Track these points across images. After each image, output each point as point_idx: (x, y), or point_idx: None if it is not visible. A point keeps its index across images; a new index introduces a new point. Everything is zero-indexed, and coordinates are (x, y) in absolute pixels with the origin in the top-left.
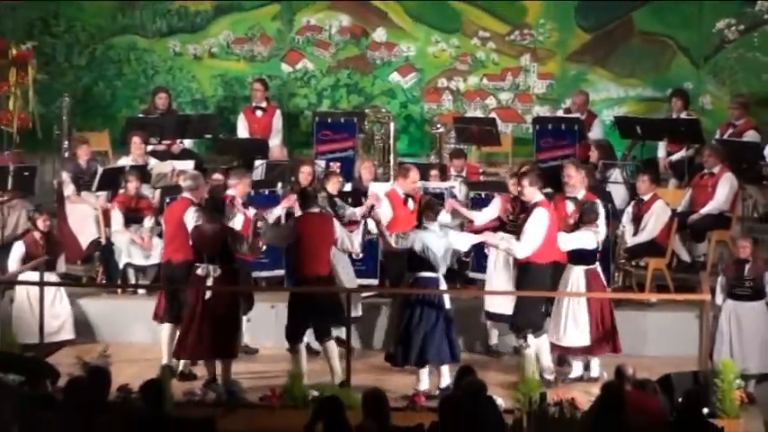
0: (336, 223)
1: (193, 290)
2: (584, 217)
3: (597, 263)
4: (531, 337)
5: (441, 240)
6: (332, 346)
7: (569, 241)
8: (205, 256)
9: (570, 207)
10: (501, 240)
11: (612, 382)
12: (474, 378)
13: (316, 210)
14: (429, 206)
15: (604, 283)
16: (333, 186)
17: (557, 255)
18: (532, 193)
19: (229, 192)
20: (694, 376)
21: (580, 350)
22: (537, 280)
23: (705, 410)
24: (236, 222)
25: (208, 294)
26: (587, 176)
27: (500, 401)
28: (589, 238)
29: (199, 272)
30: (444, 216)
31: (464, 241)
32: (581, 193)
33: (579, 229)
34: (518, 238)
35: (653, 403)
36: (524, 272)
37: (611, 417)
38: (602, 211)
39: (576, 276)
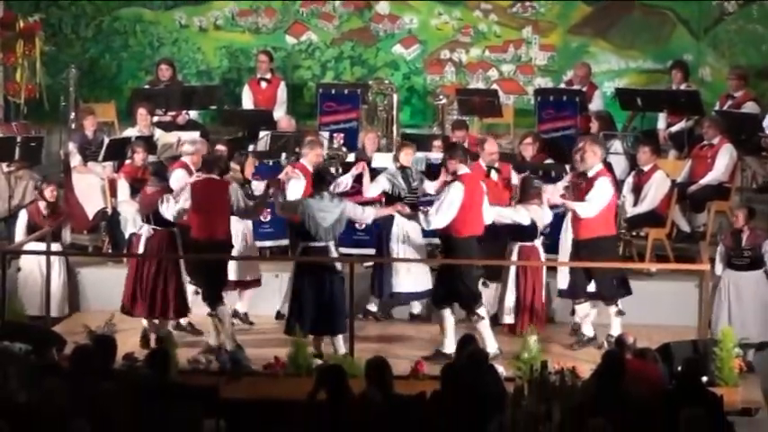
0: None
1: (133, 249)
2: (523, 193)
3: (537, 240)
4: (483, 309)
5: (330, 211)
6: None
7: (498, 216)
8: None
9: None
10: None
11: (613, 351)
12: (476, 347)
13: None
14: (320, 177)
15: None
16: (316, 158)
17: (479, 229)
18: (455, 167)
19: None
20: (693, 345)
21: (506, 327)
22: (461, 253)
23: (704, 379)
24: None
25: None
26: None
27: (501, 370)
28: (522, 215)
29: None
30: (429, 185)
31: (361, 213)
32: (595, 169)
33: (518, 204)
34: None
35: (653, 372)
36: (446, 246)
37: (611, 385)
38: (549, 188)
39: (510, 253)
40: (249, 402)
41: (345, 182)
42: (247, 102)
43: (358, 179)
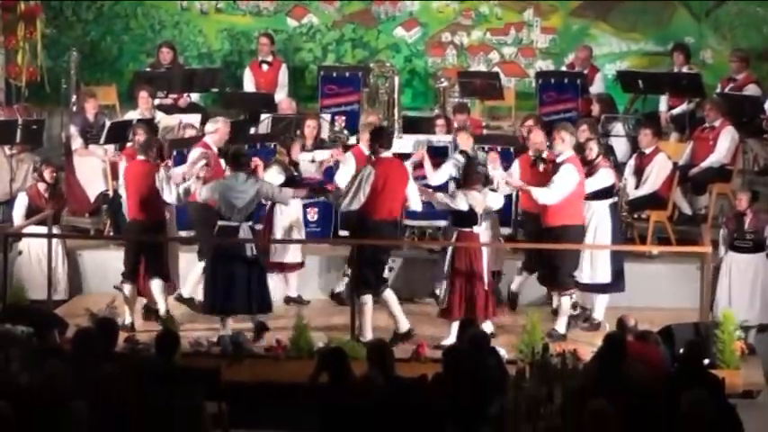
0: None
1: None
2: (465, 179)
3: (478, 226)
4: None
5: (244, 191)
6: None
7: (436, 202)
8: None
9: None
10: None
11: (614, 333)
12: (477, 329)
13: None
14: (234, 157)
15: (482, 249)
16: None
17: (394, 212)
18: (376, 150)
19: None
20: (695, 327)
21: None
22: (374, 236)
23: (706, 361)
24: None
25: None
26: (589, 131)
27: (503, 352)
28: (460, 201)
29: None
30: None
31: (279, 194)
32: (564, 155)
33: (458, 190)
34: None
35: (654, 354)
36: (360, 228)
37: (612, 367)
38: (497, 174)
39: (449, 238)
40: (251, 385)
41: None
42: (249, 84)
43: (419, 166)
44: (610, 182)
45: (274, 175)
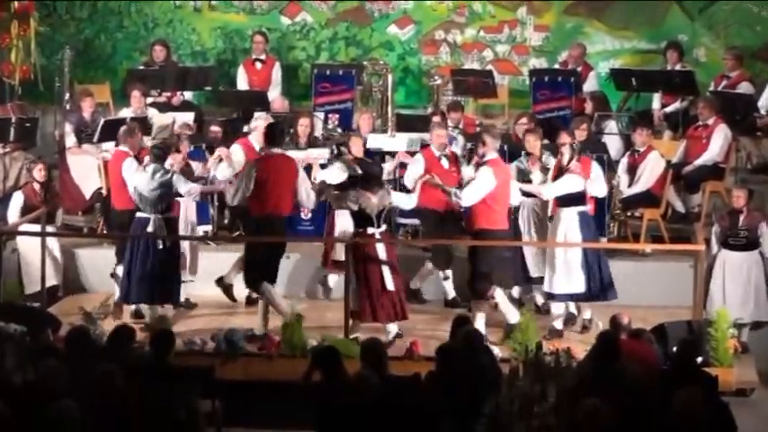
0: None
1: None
2: (363, 181)
3: (371, 227)
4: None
5: (153, 183)
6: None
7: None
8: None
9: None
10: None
11: (608, 332)
12: (470, 327)
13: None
14: (151, 149)
15: (378, 250)
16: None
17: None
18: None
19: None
20: (688, 325)
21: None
22: (264, 232)
23: (699, 359)
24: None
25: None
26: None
27: (496, 350)
28: (351, 203)
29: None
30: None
31: (185, 187)
32: (487, 157)
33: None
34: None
35: (647, 352)
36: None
37: (606, 366)
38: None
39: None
40: (244, 383)
41: (387, 170)
42: (242, 83)
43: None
44: (576, 189)
45: (335, 173)
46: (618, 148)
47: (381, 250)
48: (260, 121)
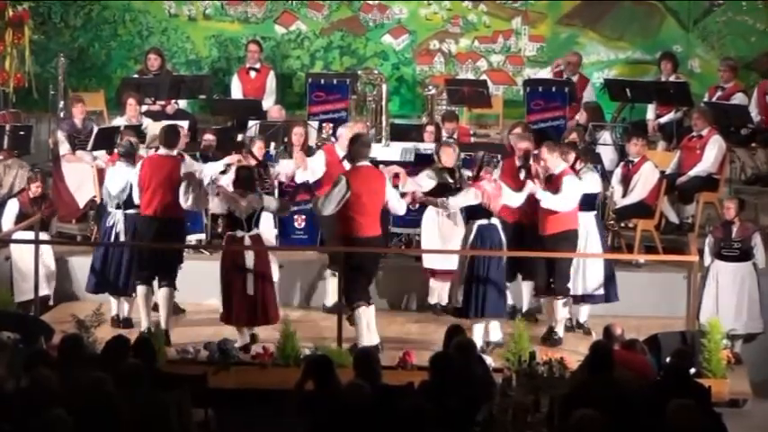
0: None
1: None
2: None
3: (244, 231)
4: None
5: (114, 180)
6: None
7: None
8: None
9: None
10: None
11: (601, 342)
12: (463, 337)
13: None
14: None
15: (244, 254)
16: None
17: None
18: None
19: None
20: (682, 336)
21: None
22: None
23: (692, 370)
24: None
25: None
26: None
27: (489, 360)
28: (215, 206)
29: None
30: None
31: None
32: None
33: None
34: None
35: (640, 363)
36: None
37: (599, 376)
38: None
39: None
40: (237, 392)
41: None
42: (236, 91)
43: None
44: (587, 190)
45: (424, 180)
46: (612, 158)
47: (249, 255)
48: (346, 129)
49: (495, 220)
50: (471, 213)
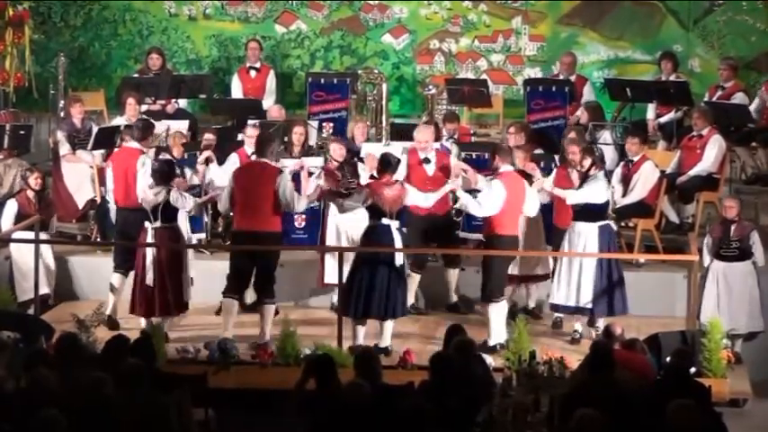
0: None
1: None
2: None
3: (150, 223)
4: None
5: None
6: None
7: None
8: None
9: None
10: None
11: (601, 342)
12: (463, 337)
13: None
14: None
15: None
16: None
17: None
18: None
19: None
20: (682, 336)
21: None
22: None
23: (692, 370)
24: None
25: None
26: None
27: (490, 360)
28: (149, 200)
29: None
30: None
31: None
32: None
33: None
34: None
35: (641, 362)
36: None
37: (599, 375)
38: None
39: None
40: (238, 392)
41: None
42: (236, 91)
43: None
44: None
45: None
46: (612, 158)
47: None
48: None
49: (388, 221)
50: (370, 213)
